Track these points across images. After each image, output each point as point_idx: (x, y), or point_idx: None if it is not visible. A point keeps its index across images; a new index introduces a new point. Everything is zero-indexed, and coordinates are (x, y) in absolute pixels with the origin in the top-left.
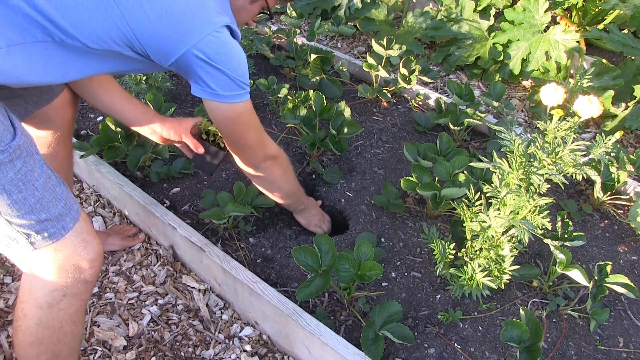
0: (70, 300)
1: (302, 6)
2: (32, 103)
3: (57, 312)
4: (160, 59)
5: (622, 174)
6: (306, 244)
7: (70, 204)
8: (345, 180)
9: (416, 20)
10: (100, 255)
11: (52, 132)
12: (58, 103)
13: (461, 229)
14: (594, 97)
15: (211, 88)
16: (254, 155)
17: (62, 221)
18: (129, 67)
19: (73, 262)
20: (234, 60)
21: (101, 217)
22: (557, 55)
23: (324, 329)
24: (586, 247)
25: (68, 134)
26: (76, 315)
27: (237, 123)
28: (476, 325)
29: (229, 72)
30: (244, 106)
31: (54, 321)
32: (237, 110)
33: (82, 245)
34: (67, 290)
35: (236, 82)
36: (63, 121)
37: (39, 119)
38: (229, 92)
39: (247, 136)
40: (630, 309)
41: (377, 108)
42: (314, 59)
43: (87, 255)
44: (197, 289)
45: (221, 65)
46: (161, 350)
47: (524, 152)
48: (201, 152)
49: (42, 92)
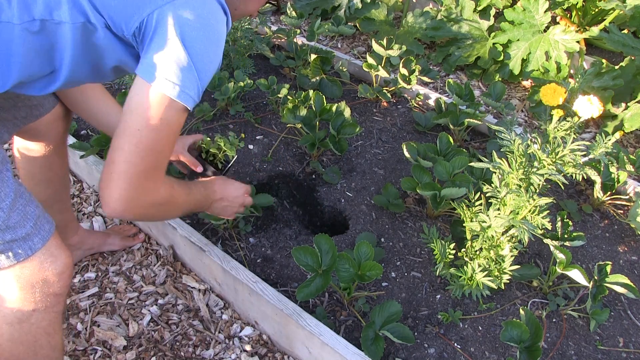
0: (41, 314)
1: (302, 6)
2: (21, 119)
3: (29, 327)
4: (122, 24)
5: (622, 174)
6: (306, 244)
7: (41, 224)
8: (345, 180)
9: (416, 20)
10: (69, 267)
11: (45, 144)
12: (49, 118)
13: (461, 229)
14: (594, 97)
15: (156, 66)
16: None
17: (30, 241)
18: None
19: (40, 278)
20: (206, 49)
21: (101, 217)
22: (557, 55)
23: (324, 329)
24: (586, 247)
25: (61, 144)
26: (50, 327)
27: (153, 128)
28: (476, 325)
29: (192, 57)
30: (178, 114)
31: (26, 336)
32: (168, 113)
33: (50, 260)
34: (37, 304)
35: (192, 76)
36: (56, 134)
37: (29, 133)
38: (176, 82)
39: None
40: (630, 309)
41: (377, 108)
42: (314, 59)
43: (55, 269)
44: (197, 289)
45: (187, 42)
46: (161, 350)
47: (524, 152)
48: (199, 170)
49: (32, 107)
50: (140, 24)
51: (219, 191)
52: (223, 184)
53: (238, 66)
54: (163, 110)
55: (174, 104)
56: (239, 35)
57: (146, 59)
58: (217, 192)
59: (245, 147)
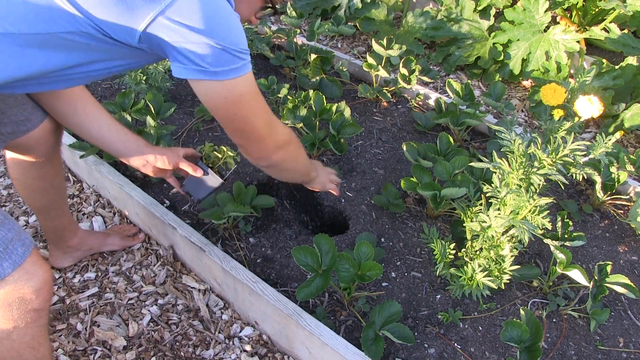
0: (22, 331)
1: (302, 6)
2: (7, 134)
3: (11, 344)
4: (125, 35)
5: (622, 174)
6: (306, 244)
7: (13, 247)
8: (345, 180)
9: (416, 20)
10: (47, 282)
11: (36, 157)
12: (38, 133)
13: (461, 229)
14: (594, 97)
15: (196, 64)
16: (264, 147)
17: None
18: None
19: (16, 297)
20: (223, 24)
21: (101, 217)
22: (557, 55)
23: (324, 329)
24: (586, 247)
25: (54, 156)
26: (34, 341)
27: (239, 107)
28: (476, 325)
29: (218, 40)
30: (245, 83)
31: (9, 352)
32: (237, 90)
33: (25, 278)
34: (16, 322)
35: (229, 52)
36: (46, 148)
37: (19, 147)
38: (221, 67)
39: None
40: (630, 309)
41: (377, 108)
42: (314, 59)
43: (31, 287)
44: (197, 289)
45: (206, 31)
46: (161, 350)
47: (524, 152)
48: (200, 174)
49: (19, 122)
50: (142, 36)
51: (320, 166)
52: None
53: None
54: (234, 91)
55: (236, 81)
56: None
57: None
58: (317, 163)
59: None
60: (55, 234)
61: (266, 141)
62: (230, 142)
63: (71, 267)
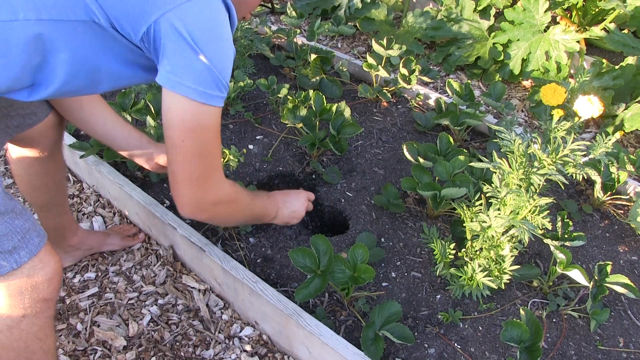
0: (31, 320)
1: (302, 6)
2: (14, 127)
3: (19, 333)
4: (129, 28)
5: (622, 174)
6: (306, 244)
7: (30, 237)
8: (345, 180)
9: (416, 20)
10: (58, 272)
11: (39, 151)
12: (43, 126)
13: (461, 229)
14: (594, 97)
15: (176, 74)
16: (203, 193)
17: (16, 254)
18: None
19: (29, 284)
20: (220, 47)
21: (101, 217)
22: (557, 55)
23: (324, 329)
24: (586, 247)
25: (56, 151)
26: (41, 332)
27: (195, 136)
28: (476, 325)
29: (208, 58)
30: (211, 117)
31: (17, 342)
32: (201, 118)
33: (39, 266)
34: (26, 310)
35: (213, 77)
36: (49, 142)
37: (23, 141)
38: (199, 87)
39: (203, 162)
40: (630, 309)
41: (377, 108)
42: (314, 59)
43: (44, 276)
44: (197, 289)
45: (200, 45)
46: (161, 350)
47: (524, 152)
48: None
49: (25, 116)
50: (148, 30)
51: (282, 200)
52: (285, 194)
53: (238, 66)
54: (197, 117)
55: (205, 109)
56: (239, 35)
57: (165, 68)
58: (280, 201)
59: (245, 147)
60: (56, 233)
61: (207, 186)
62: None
63: (71, 267)
